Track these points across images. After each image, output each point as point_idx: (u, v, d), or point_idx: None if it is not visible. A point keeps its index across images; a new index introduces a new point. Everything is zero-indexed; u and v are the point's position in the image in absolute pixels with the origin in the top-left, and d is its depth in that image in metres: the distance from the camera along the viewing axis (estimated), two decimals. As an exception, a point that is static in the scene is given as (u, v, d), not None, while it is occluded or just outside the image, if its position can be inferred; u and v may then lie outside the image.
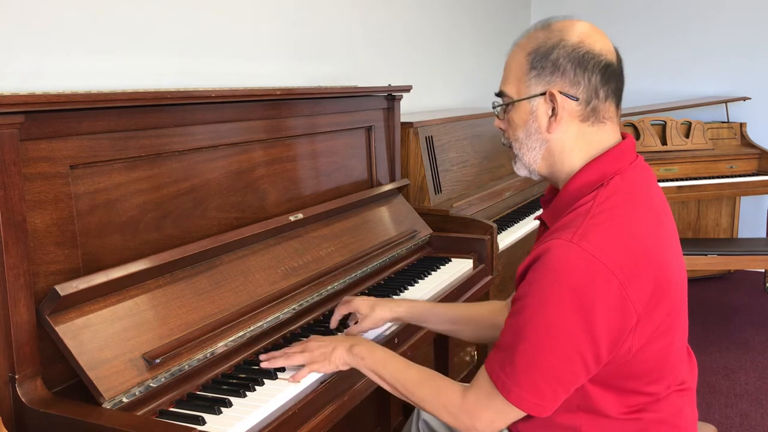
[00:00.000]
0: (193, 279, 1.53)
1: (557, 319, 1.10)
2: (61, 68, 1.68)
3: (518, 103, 1.24)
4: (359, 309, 1.61)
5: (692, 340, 1.39)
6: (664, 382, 1.23)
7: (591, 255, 1.09)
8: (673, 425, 1.26)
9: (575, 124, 1.21)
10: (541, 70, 1.20)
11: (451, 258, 2.31)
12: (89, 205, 1.39)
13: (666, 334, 1.18)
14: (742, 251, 3.46)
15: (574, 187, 1.22)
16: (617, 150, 1.23)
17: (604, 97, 1.20)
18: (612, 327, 1.11)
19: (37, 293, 1.25)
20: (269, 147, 1.90)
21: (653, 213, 1.21)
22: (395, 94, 2.44)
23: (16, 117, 1.19)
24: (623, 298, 1.10)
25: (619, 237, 1.13)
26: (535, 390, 1.14)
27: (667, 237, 1.22)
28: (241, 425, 1.24)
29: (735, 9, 4.66)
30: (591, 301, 1.09)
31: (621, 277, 1.09)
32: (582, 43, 1.20)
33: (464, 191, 2.93)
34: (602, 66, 1.19)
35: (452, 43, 3.92)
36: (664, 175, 4.07)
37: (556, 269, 1.10)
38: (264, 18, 2.37)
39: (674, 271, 1.20)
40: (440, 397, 1.24)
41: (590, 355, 1.12)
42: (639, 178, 1.23)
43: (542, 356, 1.12)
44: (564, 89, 1.19)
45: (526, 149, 1.26)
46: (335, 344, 1.41)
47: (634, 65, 4.90)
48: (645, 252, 1.14)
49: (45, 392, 1.24)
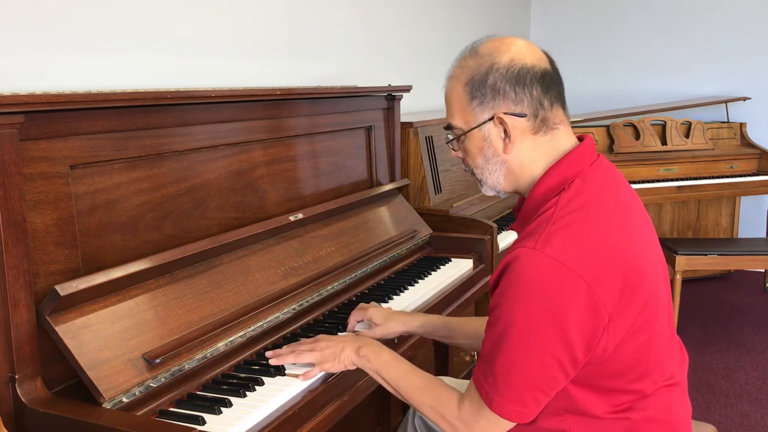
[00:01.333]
0: (193, 279, 1.53)
1: (529, 326, 1.12)
2: (61, 68, 1.68)
3: (470, 132, 1.26)
4: (373, 319, 1.64)
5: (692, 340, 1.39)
6: (649, 378, 1.23)
7: (555, 260, 1.10)
8: (664, 422, 1.25)
9: (528, 138, 1.23)
10: (482, 97, 1.22)
11: (451, 258, 2.31)
12: (89, 205, 1.39)
13: (643, 329, 1.19)
14: (742, 251, 3.46)
15: (537, 195, 1.24)
16: (575, 153, 1.24)
17: (549, 105, 1.22)
18: (584, 328, 1.12)
19: (37, 293, 1.25)
20: (269, 147, 1.90)
21: (619, 210, 1.22)
22: (395, 94, 2.44)
23: (16, 117, 1.19)
24: (592, 299, 1.11)
25: (582, 238, 1.14)
26: (516, 398, 1.16)
27: (637, 232, 1.22)
28: (241, 425, 1.24)
29: (735, 9, 4.66)
30: (560, 306, 1.10)
31: (588, 278, 1.10)
32: (513, 60, 1.21)
33: (464, 191, 2.93)
34: (539, 77, 1.21)
35: (452, 42, 3.92)
36: (664, 175, 4.07)
37: (524, 277, 1.12)
38: (264, 18, 2.37)
39: (647, 265, 1.20)
40: (439, 406, 1.27)
41: (566, 358, 1.13)
42: (601, 178, 1.24)
43: (519, 364, 1.14)
44: (509, 110, 1.21)
45: (488, 173, 1.28)
46: (344, 344, 1.43)
47: (634, 65, 4.93)
48: (611, 249, 1.14)
49: (45, 392, 1.24)
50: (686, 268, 3.39)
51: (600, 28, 5.01)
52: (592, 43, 5.02)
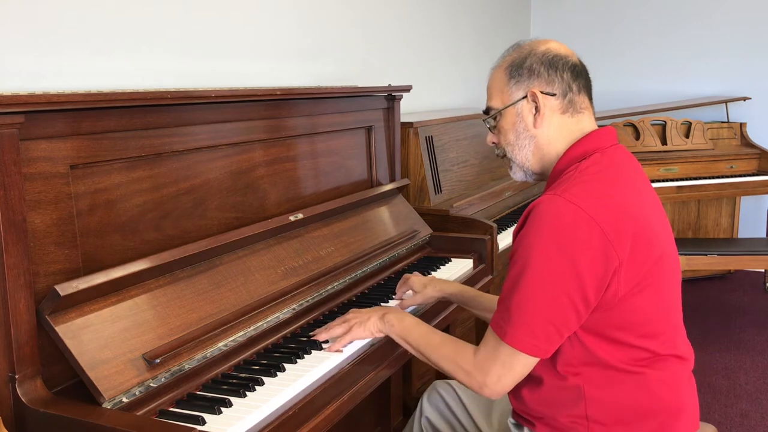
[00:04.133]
0: (193, 279, 1.53)
1: (544, 263, 1.22)
2: (61, 68, 1.68)
3: (505, 110, 1.40)
4: (413, 286, 1.81)
5: (692, 340, 1.41)
6: (659, 339, 1.29)
7: (574, 204, 1.22)
8: (675, 389, 1.31)
9: (557, 116, 1.37)
10: (518, 77, 1.38)
11: (451, 258, 2.31)
12: (89, 205, 1.39)
13: (653, 287, 1.27)
14: (742, 251, 3.46)
15: (561, 164, 1.37)
16: (597, 132, 1.38)
17: (578, 90, 1.37)
18: (596, 269, 1.21)
19: (37, 293, 1.25)
20: (269, 147, 1.90)
21: (635, 186, 1.33)
22: (395, 94, 2.44)
23: (16, 117, 1.19)
24: (605, 243, 1.21)
25: (599, 193, 1.25)
26: (528, 330, 1.24)
27: (650, 205, 1.32)
28: (241, 425, 1.24)
29: (735, 9, 4.66)
30: (576, 245, 1.20)
31: (602, 224, 1.21)
32: (549, 49, 1.38)
33: (464, 191, 2.93)
34: (570, 65, 1.37)
35: (452, 43, 3.92)
36: (664, 175, 4.07)
37: (543, 218, 1.23)
38: (264, 18, 2.37)
39: (659, 237, 1.30)
40: (456, 356, 1.35)
41: (578, 297, 1.22)
42: (619, 157, 1.36)
43: (533, 299, 1.23)
44: (542, 88, 1.36)
45: (518, 149, 1.41)
46: (370, 314, 1.55)
47: (634, 65, 4.93)
48: (624, 207, 1.25)
49: (45, 392, 1.24)
50: (686, 268, 3.39)
51: (600, 28, 5.01)
52: (592, 43, 5.02)
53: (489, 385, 1.29)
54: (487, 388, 1.30)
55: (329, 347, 1.54)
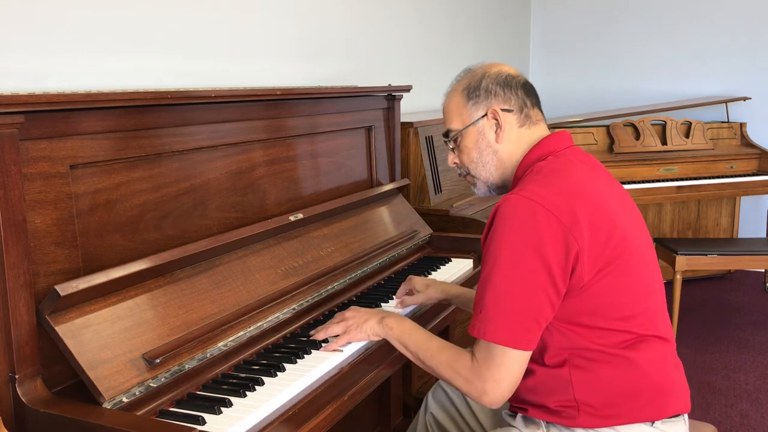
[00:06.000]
0: (193, 279, 1.53)
1: (511, 257, 1.28)
2: (61, 68, 1.68)
3: (466, 130, 1.48)
4: (415, 287, 1.84)
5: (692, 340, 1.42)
6: (635, 320, 1.34)
7: (531, 200, 1.29)
8: (660, 368, 1.35)
9: (515, 130, 1.46)
10: (476, 98, 1.47)
11: (451, 258, 2.31)
12: (89, 205, 1.39)
13: (618, 269, 1.32)
14: (742, 251, 3.46)
15: (519, 172, 1.46)
16: (551, 137, 1.47)
17: (531, 105, 1.48)
18: (559, 256, 1.27)
19: (37, 293, 1.25)
20: (269, 147, 1.90)
21: (591, 172, 1.41)
22: (395, 94, 2.44)
23: (16, 117, 1.19)
24: (563, 230, 1.27)
25: (552, 186, 1.33)
26: (507, 324, 1.28)
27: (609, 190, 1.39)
28: (241, 425, 1.24)
29: (735, 9, 4.66)
30: (538, 237, 1.27)
31: (557, 213, 1.28)
32: (501, 71, 1.49)
33: (464, 191, 2.93)
34: (521, 83, 1.48)
35: (452, 42, 3.93)
36: (664, 175, 4.07)
37: (504, 217, 1.31)
38: (264, 18, 2.37)
39: (617, 216, 1.35)
40: (454, 362, 1.36)
41: (548, 284, 1.27)
42: (574, 157, 1.43)
43: (505, 293, 1.28)
44: (501, 106, 1.46)
45: (482, 165, 1.49)
46: (368, 316, 1.55)
47: (634, 65, 4.93)
48: (577, 194, 1.32)
49: (45, 392, 1.24)
50: (686, 268, 3.39)
51: (600, 28, 5.01)
52: (592, 43, 5.02)
53: (489, 392, 1.30)
54: (487, 395, 1.31)
55: (327, 347, 1.54)
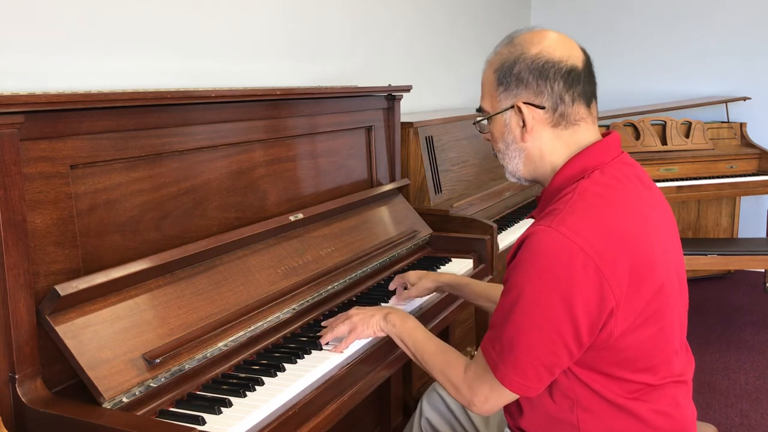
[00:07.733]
0: (193, 279, 1.53)
1: (537, 300, 1.16)
2: (61, 68, 1.68)
3: (494, 117, 1.32)
4: (409, 279, 1.85)
5: (692, 340, 1.40)
6: (658, 374, 1.25)
7: (569, 239, 1.14)
8: (671, 416, 1.27)
9: (548, 130, 1.27)
10: (507, 85, 1.27)
11: (451, 258, 2.31)
12: (89, 205, 1.39)
13: (653, 321, 1.21)
14: (742, 251, 3.46)
15: (557, 182, 1.28)
16: (598, 146, 1.28)
17: (570, 101, 1.25)
18: (591, 309, 1.15)
19: (37, 293, 1.25)
20: (269, 147, 1.90)
21: (637, 204, 1.24)
22: (395, 94, 2.44)
23: (16, 117, 1.19)
24: (600, 281, 1.14)
25: (595, 222, 1.17)
26: (519, 370, 1.20)
27: (653, 228, 1.24)
28: (242, 425, 1.24)
29: (735, 9, 4.66)
30: (569, 284, 1.13)
31: (597, 260, 1.14)
32: (540, 53, 1.25)
33: (464, 191, 2.93)
34: (563, 72, 1.24)
35: (452, 42, 3.92)
36: (664, 175, 4.06)
37: (537, 253, 1.16)
38: (264, 18, 2.37)
39: (661, 259, 1.22)
40: (447, 369, 1.33)
41: (570, 337, 1.16)
42: (622, 173, 1.27)
43: (525, 337, 1.18)
44: (529, 100, 1.26)
45: (508, 158, 1.34)
46: (374, 312, 1.55)
47: (634, 65, 4.92)
48: (623, 234, 1.17)
49: (45, 392, 1.24)
50: (686, 268, 3.38)
51: (600, 27, 5.01)
52: (591, 43, 4.98)
53: (476, 404, 1.28)
54: (474, 406, 1.29)
55: (334, 348, 1.53)
